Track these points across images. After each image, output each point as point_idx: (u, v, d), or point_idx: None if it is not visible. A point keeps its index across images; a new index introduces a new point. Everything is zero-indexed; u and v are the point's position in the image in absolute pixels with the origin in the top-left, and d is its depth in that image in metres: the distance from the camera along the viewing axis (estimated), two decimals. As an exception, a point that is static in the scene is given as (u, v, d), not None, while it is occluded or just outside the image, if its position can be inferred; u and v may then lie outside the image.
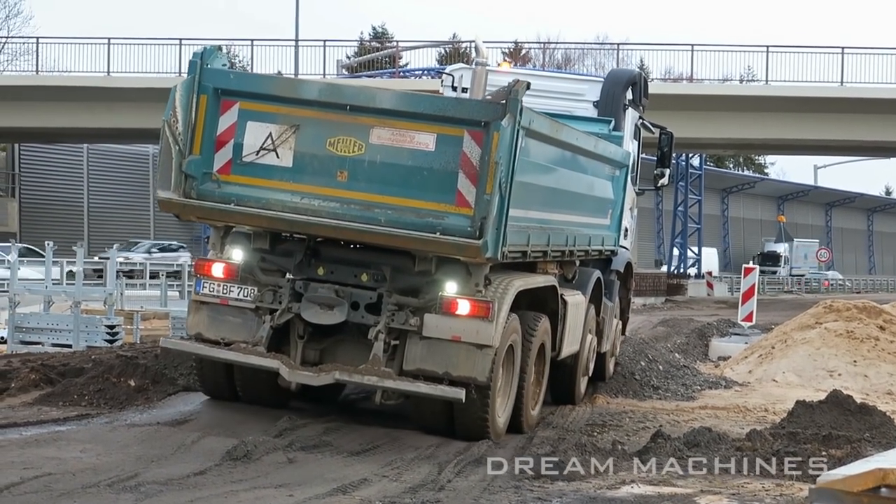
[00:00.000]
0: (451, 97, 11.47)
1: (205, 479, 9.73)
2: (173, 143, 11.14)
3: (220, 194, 11.35)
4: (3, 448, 10.88)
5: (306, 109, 11.32)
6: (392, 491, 9.61)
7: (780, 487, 10.45)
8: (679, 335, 27.07)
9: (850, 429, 12.18)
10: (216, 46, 11.67)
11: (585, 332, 15.36)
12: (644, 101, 17.78)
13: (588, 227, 14.93)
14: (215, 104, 11.30)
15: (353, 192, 11.10)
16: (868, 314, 20.36)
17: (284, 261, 12.02)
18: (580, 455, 11.14)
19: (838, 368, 18.38)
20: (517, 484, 10.17)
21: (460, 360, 11.29)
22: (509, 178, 10.73)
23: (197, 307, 12.23)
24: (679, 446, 11.71)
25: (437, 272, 11.45)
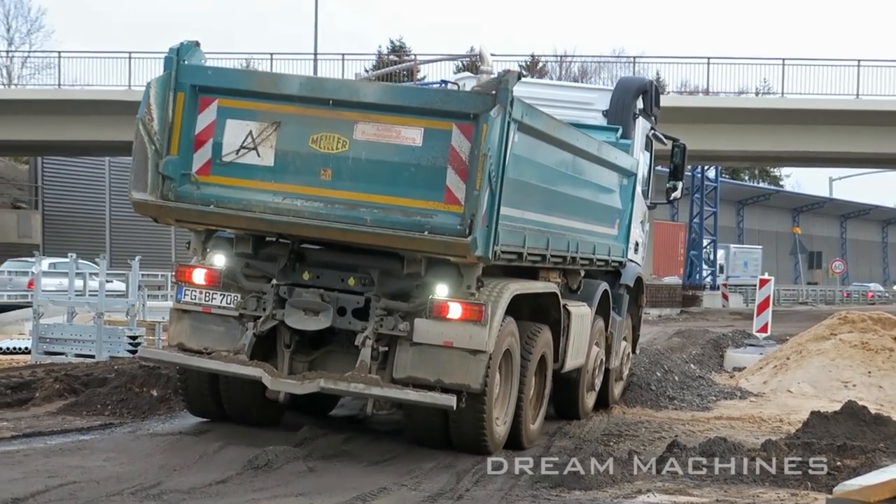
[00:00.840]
0: (438, 88, 10.83)
1: (227, 488, 9.78)
2: (149, 143, 10.65)
3: (199, 196, 10.80)
4: (28, 457, 10.94)
5: (287, 105, 10.73)
6: (411, 500, 9.63)
7: (794, 497, 10.44)
8: (694, 346, 27.01)
9: (864, 439, 12.16)
10: (193, 41, 11.01)
11: (591, 345, 14.81)
12: (655, 110, 17.27)
13: (593, 235, 14.29)
14: (193, 102, 10.76)
15: (337, 191, 10.54)
16: (883, 325, 20.30)
17: (268, 266, 11.45)
18: (598, 464, 11.15)
19: (853, 379, 18.34)
20: (534, 493, 10.18)
21: (453, 366, 10.74)
22: (500, 173, 10.21)
23: (179, 316, 11.69)
24: (695, 456, 11.66)
25: (428, 274, 10.89)
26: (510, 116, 10.11)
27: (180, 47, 10.75)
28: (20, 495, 9.12)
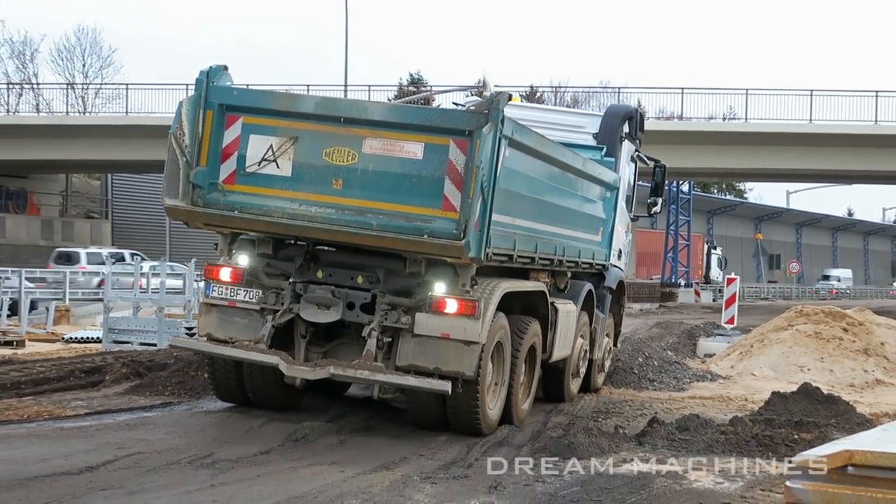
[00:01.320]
0: (437, 108, 10.42)
1: (269, 458, 9.80)
2: (180, 155, 10.49)
3: (224, 202, 10.60)
4: (99, 431, 10.98)
5: (304, 122, 10.54)
6: (428, 467, 9.63)
7: (758, 466, 10.41)
8: (671, 335, 26.92)
9: (818, 416, 12.14)
10: (222, 65, 10.78)
11: (577, 338, 14.53)
12: (640, 134, 16.98)
13: (578, 241, 13.99)
14: (220, 119, 10.58)
15: (347, 199, 10.31)
16: (833, 318, 20.33)
17: (286, 265, 11.21)
18: (588, 437, 11.14)
19: (808, 364, 18.33)
20: (535, 460, 10.14)
21: (449, 355, 10.46)
22: (492, 184, 9.99)
23: (207, 309, 11.41)
24: (672, 430, 11.68)
25: (427, 274, 10.64)
26: (501, 133, 9.93)
27: (209, 70, 10.59)
28: (93, 464, 9.15)
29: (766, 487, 9.45)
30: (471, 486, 9.02)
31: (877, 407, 14.48)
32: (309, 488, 8.61)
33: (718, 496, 9.12)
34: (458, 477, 9.37)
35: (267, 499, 8.20)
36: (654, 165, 17.56)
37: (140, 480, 8.71)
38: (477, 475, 9.46)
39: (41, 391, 13.35)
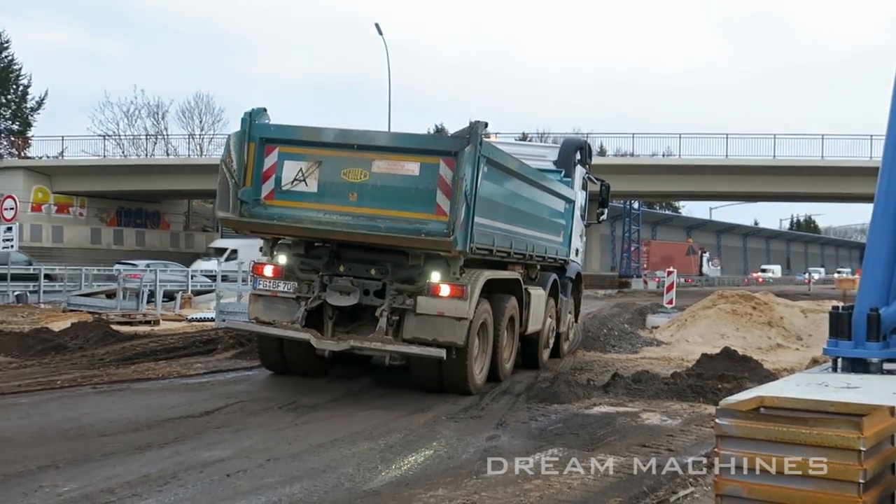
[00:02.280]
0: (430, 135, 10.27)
1: (336, 405, 9.81)
2: (230, 178, 10.12)
3: (265, 214, 10.22)
4: (213, 385, 11.03)
5: (326, 150, 10.13)
6: (452, 410, 9.64)
7: (692, 407, 10.40)
8: (627, 313, 26.81)
9: (735, 371, 12.06)
10: (262, 108, 10.42)
11: (546, 316, 13.98)
12: (589, 160, 16.37)
13: (544, 241, 13.43)
14: (261, 149, 10.20)
15: (361, 208, 9.92)
16: (745, 300, 20.26)
17: (316, 262, 10.75)
18: (567, 388, 11.10)
19: (727, 333, 18.25)
20: (529, 406, 10.18)
21: (444, 329, 10.08)
22: (473, 192, 9.55)
23: (255, 298, 10.97)
24: (629, 382, 11.64)
25: (426, 265, 10.23)
26: (480, 153, 9.55)
27: (252, 112, 10.28)
28: (209, 409, 9.19)
29: (699, 423, 9.41)
30: (483, 424, 9.00)
31: (778, 364, 14.37)
32: (366, 426, 8.61)
33: (664, 430, 9.07)
34: (474, 417, 9.36)
35: (337, 433, 8.20)
36: (600, 184, 17.13)
37: (244, 421, 8.73)
38: (488, 416, 9.45)
39: (171, 356, 13.38)
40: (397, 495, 6.29)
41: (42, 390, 10.26)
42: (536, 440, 8.30)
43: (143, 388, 10.73)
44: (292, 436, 8.06)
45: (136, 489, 6.15)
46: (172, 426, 8.33)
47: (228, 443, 7.70)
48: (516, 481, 6.73)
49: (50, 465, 6.72)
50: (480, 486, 6.55)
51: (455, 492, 6.38)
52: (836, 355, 5.64)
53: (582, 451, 7.79)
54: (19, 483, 6.22)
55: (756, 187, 52.47)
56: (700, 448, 8.09)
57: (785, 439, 3.73)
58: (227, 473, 6.63)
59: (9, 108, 60.43)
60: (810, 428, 3.71)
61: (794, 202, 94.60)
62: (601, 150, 66.56)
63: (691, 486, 6.75)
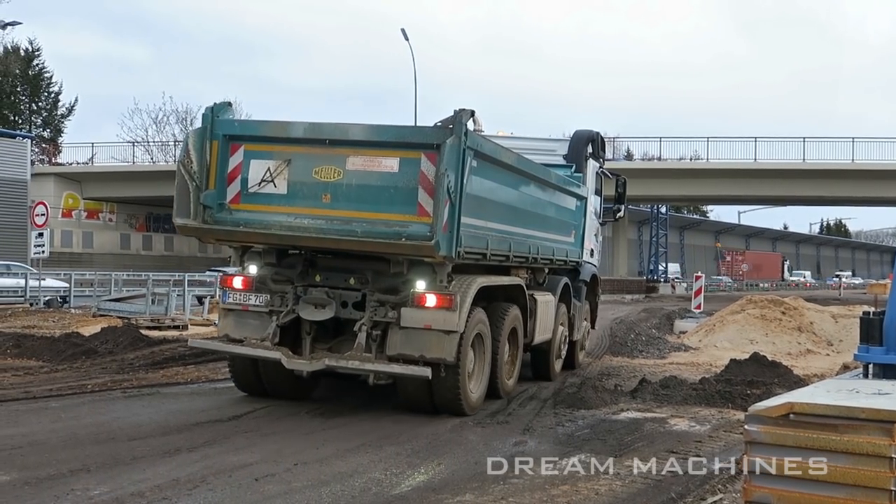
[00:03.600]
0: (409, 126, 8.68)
1: (362, 409, 9.86)
2: (189, 180, 9.07)
3: (231, 220, 9.17)
4: (241, 390, 11.03)
5: (295, 146, 9.08)
6: (479, 416, 9.61)
7: (721, 413, 10.33)
8: (654, 318, 26.74)
9: (765, 376, 11.98)
10: (226, 102, 9.45)
11: (556, 324, 12.78)
12: (602, 153, 15.09)
13: (551, 242, 12.13)
14: (225, 147, 9.16)
15: (335, 211, 8.83)
16: (775, 304, 20.16)
17: (290, 272, 9.71)
18: (594, 393, 11.06)
19: (756, 338, 18.16)
20: (556, 411, 10.15)
21: (432, 344, 8.94)
22: (459, 190, 8.46)
23: (225, 313, 9.93)
24: (656, 387, 11.57)
25: (410, 273, 9.15)
26: (465, 145, 8.45)
27: (214, 107, 9.25)
28: (238, 414, 9.26)
29: (728, 429, 9.35)
30: (510, 429, 9.00)
31: (808, 370, 14.25)
32: (392, 430, 8.65)
33: (692, 436, 9.02)
34: (500, 422, 9.35)
35: (363, 438, 8.24)
36: (616, 179, 15.94)
37: (272, 425, 8.78)
38: (515, 421, 9.45)
39: (200, 361, 13.44)
40: (424, 500, 6.30)
41: (73, 394, 10.37)
42: (564, 445, 8.28)
43: (172, 392, 10.82)
44: (320, 440, 8.09)
45: (166, 492, 6.21)
46: (201, 430, 8.39)
47: (256, 447, 7.74)
48: (543, 486, 6.73)
49: (81, 468, 6.81)
50: (507, 492, 6.55)
51: (482, 497, 6.39)
52: (868, 361, 5.60)
53: (609, 456, 7.76)
54: (51, 486, 6.30)
55: (785, 191, 52.11)
56: (729, 454, 8.03)
57: (815, 446, 3.71)
58: (255, 478, 6.68)
59: (40, 116, 61.33)
60: (841, 435, 3.68)
61: (824, 206, 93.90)
62: (628, 154, 66.43)
63: (720, 492, 6.72)
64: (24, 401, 9.77)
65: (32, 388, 10.59)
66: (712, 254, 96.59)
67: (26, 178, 39.59)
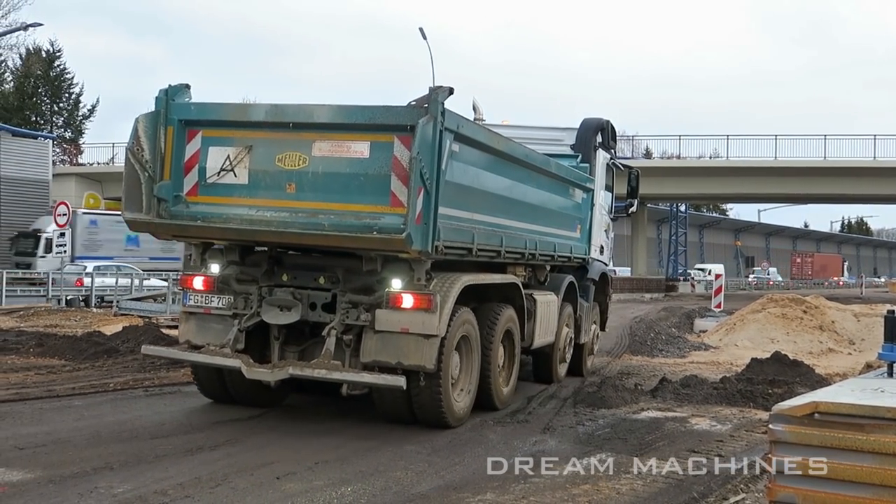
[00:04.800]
0: (380, 106, 7.96)
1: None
2: (140, 171, 8.26)
3: (188, 213, 8.35)
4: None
5: (257, 131, 8.29)
6: (498, 415, 9.60)
7: (742, 413, 10.29)
8: (674, 317, 26.63)
9: (786, 375, 11.91)
10: (183, 84, 8.62)
11: (560, 326, 11.88)
12: (613, 143, 14.20)
13: (552, 237, 11.26)
14: (182, 134, 8.37)
15: (300, 202, 8.01)
16: (796, 303, 20.03)
17: (254, 270, 8.81)
18: (615, 392, 11.03)
19: (777, 337, 18.06)
20: (576, 410, 10.14)
21: (410, 349, 8.03)
22: (435, 177, 7.60)
23: (186, 317, 9.03)
24: (677, 387, 11.54)
25: (384, 270, 8.19)
26: (443, 126, 7.59)
27: (168, 89, 8.45)
28: (258, 412, 9.21)
29: (749, 429, 9.32)
30: (530, 428, 8.99)
31: (830, 369, 14.16)
32: (412, 429, 8.60)
33: (713, 435, 8.99)
34: (520, 421, 9.34)
35: (384, 437, 8.22)
36: (629, 171, 15.07)
37: (292, 423, 8.76)
38: (535, 420, 9.43)
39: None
40: (445, 499, 6.30)
41: (95, 393, 10.44)
42: (584, 445, 8.27)
43: (193, 390, 10.78)
44: (339, 439, 8.10)
45: (188, 490, 6.24)
46: (222, 429, 8.43)
47: (277, 446, 7.77)
48: (564, 486, 6.71)
49: (104, 466, 6.85)
50: (528, 491, 6.54)
51: (503, 496, 6.38)
52: (892, 360, 5.54)
53: (630, 456, 7.74)
54: (75, 484, 6.34)
55: (806, 189, 51.91)
56: (751, 453, 7.98)
57: (841, 445, 3.68)
58: (276, 476, 6.70)
59: (61, 116, 61.73)
60: (867, 434, 3.65)
61: (845, 203, 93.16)
62: (647, 153, 66.16)
63: (742, 492, 6.69)
64: (48, 399, 9.85)
65: (55, 387, 10.67)
66: (732, 252, 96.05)
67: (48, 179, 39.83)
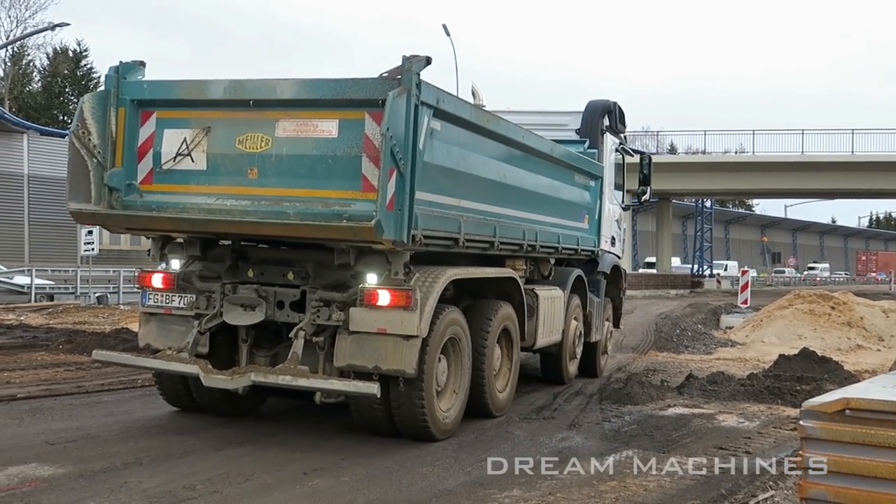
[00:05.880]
0: (349, 78, 6.93)
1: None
2: (88, 156, 7.39)
3: (142, 203, 7.47)
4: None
5: (215, 110, 7.38)
6: (524, 411, 9.61)
7: (770, 409, 10.21)
8: (700, 313, 26.47)
9: (814, 372, 11.81)
10: (137, 61, 7.72)
11: (569, 321, 11.08)
12: (621, 127, 13.18)
13: (556, 227, 10.36)
14: (134, 116, 7.51)
15: (263, 189, 7.13)
16: (823, 299, 19.87)
17: (218, 266, 7.91)
18: (641, 389, 10.98)
19: (805, 334, 17.92)
20: (602, 406, 10.10)
21: (388, 352, 7.12)
22: (411, 157, 6.71)
23: (146, 319, 8.19)
24: (703, 383, 11.48)
25: (358, 264, 7.27)
26: (418, 100, 6.71)
27: (119, 66, 7.60)
28: (285, 408, 9.23)
29: (777, 426, 9.25)
30: (556, 425, 8.97)
31: (859, 365, 14.02)
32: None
33: (741, 432, 8.92)
34: (546, 418, 9.33)
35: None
36: (640, 158, 14.26)
37: (318, 420, 8.70)
38: (561, 417, 9.42)
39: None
40: (472, 495, 6.30)
41: (124, 389, 10.54)
42: (610, 441, 8.23)
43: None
44: (365, 435, 8.08)
45: (216, 486, 6.28)
46: (250, 424, 8.46)
47: (303, 441, 7.78)
48: (591, 482, 6.69)
49: (134, 461, 6.91)
50: (555, 487, 6.53)
51: (529, 492, 6.37)
52: (924, 356, 5.49)
53: (657, 452, 7.70)
54: (105, 479, 6.40)
55: (833, 184, 51.52)
56: (779, 451, 7.93)
57: (873, 442, 3.65)
58: (303, 472, 6.72)
59: (89, 115, 62.21)
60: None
61: (873, 199, 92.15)
62: (672, 148, 65.77)
63: (771, 489, 6.63)
64: (78, 395, 9.96)
65: (85, 383, 10.78)
66: (758, 248, 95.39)
67: (76, 177, 40.27)
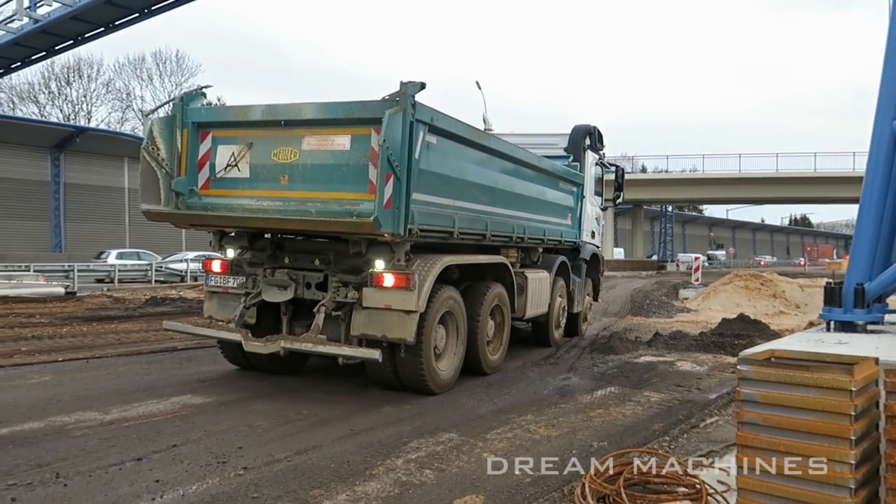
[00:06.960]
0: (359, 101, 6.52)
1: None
2: (157, 167, 7.08)
3: (201, 205, 7.11)
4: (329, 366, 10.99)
5: (256, 130, 6.95)
6: (536, 359, 9.56)
7: (715, 358, 10.02)
8: (664, 288, 26.06)
9: (748, 331, 11.61)
10: (199, 91, 7.41)
11: (554, 297, 10.49)
12: (600, 145, 12.47)
13: (542, 223, 9.67)
14: (195, 135, 7.19)
15: (292, 192, 6.73)
16: (755, 278, 19.54)
17: (262, 254, 7.58)
18: (620, 343, 10.86)
19: (741, 303, 17.61)
20: (592, 356, 9.97)
21: (393, 324, 6.72)
22: (406, 164, 6.23)
23: (209, 296, 7.79)
24: (666, 339, 11.32)
25: (369, 253, 6.87)
26: (414, 117, 6.24)
27: (184, 96, 7.32)
28: (342, 389, 9.23)
29: (720, 370, 9.09)
30: (558, 369, 8.90)
31: (781, 326, 13.69)
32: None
33: (694, 374, 8.77)
34: (552, 363, 9.26)
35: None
36: (615, 169, 13.46)
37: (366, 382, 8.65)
38: (562, 363, 9.34)
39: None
40: (498, 418, 6.28)
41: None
42: (598, 381, 8.15)
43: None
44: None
45: (317, 411, 6.23)
46: (313, 375, 8.09)
47: (374, 389, 7.22)
48: (584, 410, 6.65)
49: (258, 395, 6.90)
50: (558, 413, 6.49)
51: (539, 416, 6.34)
52: (830, 319, 5.35)
53: (632, 388, 7.63)
54: (238, 406, 6.41)
55: (762, 193, 50.77)
56: (722, 388, 7.80)
57: (792, 381, 3.58)
58: (378, 405, 6.70)
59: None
60: (812, 373, 3.54)
61: (792, 204, 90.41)
62: (643, 168, 64.78)
63: (716, 415, 6.54)
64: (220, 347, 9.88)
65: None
66: (706, 241, 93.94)
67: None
